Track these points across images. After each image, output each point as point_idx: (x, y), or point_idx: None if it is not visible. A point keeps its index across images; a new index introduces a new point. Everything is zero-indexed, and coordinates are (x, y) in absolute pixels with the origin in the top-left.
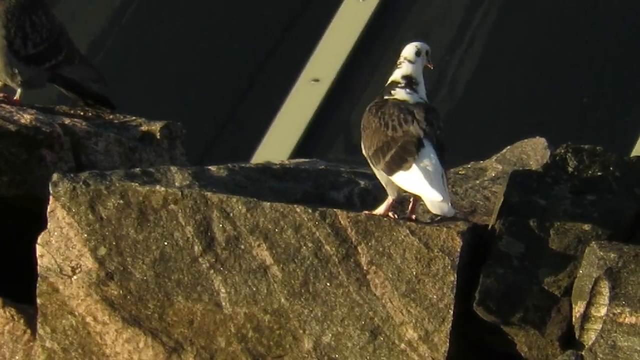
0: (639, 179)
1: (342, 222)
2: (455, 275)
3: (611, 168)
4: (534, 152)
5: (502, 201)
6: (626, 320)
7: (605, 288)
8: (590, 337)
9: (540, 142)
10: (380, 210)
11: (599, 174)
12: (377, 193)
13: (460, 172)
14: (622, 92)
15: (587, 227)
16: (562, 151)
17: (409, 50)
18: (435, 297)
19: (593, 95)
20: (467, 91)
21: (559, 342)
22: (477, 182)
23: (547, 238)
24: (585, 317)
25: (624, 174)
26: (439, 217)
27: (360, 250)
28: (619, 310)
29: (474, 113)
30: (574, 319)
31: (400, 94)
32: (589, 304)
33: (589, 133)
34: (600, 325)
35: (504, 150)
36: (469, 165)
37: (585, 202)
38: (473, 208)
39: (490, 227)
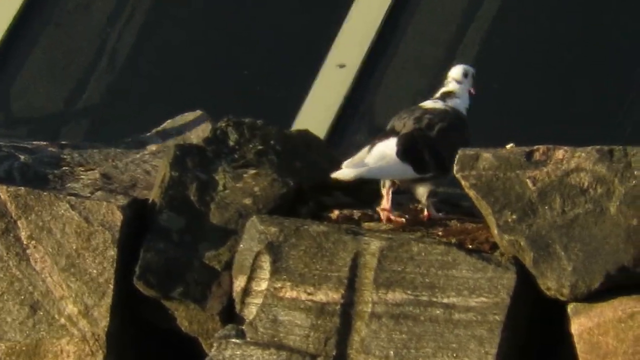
0: (300, 153)
1: (1, 196)
2: (116, 250)
3: (272, 142)
4: (194, 125)
5: (163, 175)
6: (287, 294)
7: (266, 262)
8: (251, 311)
9: (201, 115)
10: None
11: (260, 147)
12: (37, 167)
13: (121, 146)
14: (285, 64)
15: (247, 201)
16: (223, 125)
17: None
18: (95, 271)
19: (254, 67)
20: (127, 63)
21: (220, 316)
22: (138, 155)
23: (208, 212)
24: (246, 291)
25: (285, 148)
26: (99, 191)
27: (20, 225)
28: (279, 285)
29: (134, 85)
30: (234, 293)
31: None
32: (250, 278)
33: (250, 106)
34: (261, 300)
35: (165, 124)
36: (130, 139)
37: (246, 176)
38: (134, 182)
39: (151, 201)
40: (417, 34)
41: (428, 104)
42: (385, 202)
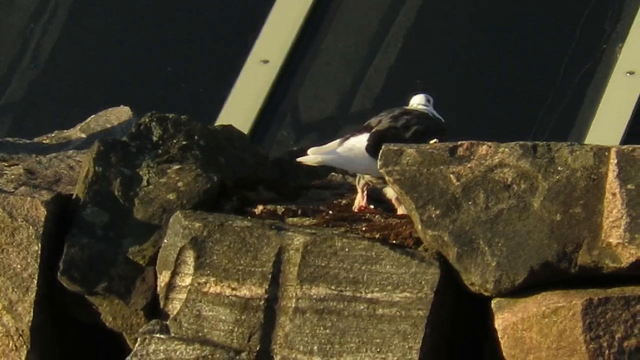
0: (224, 148)
1: None
2: (40, 245)
3: (196, 137)
4: (118, 121)
5: (87, 170)
6: (211, 289)
7: (190, 257)
8: (175, 306)
9: (125, 110)
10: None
11: (184, 143)
12: None
13: (44, 142)
14: (209, 60)
15: (172, 196)
16: (147, 120)
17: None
18: (19, 266)
19: (178, 63)
20: (51, 59)
21: (144, 311)
22: (62, 151)
23: (132, 207)
24: (170, 286)
25: (209, 143)
26: (23, 187)
27: None
28: (204, 280)
29: (58, 81)
30: (159, 289)
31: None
32: (174, 274)
33: (174, 102)
34: (185, 295)
35: (89, 119)
36: (53, 135)
37: (169, 172)
38: (58, 177)
39: (75, 196)
40: (341, 30)
41: (411, 107)
42: (360, 199)
